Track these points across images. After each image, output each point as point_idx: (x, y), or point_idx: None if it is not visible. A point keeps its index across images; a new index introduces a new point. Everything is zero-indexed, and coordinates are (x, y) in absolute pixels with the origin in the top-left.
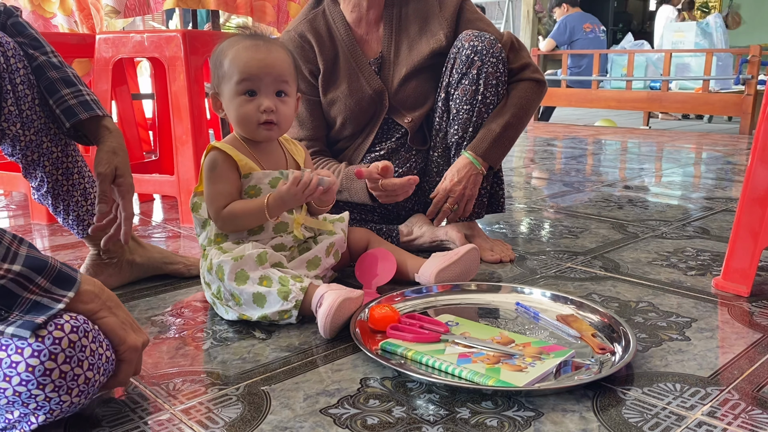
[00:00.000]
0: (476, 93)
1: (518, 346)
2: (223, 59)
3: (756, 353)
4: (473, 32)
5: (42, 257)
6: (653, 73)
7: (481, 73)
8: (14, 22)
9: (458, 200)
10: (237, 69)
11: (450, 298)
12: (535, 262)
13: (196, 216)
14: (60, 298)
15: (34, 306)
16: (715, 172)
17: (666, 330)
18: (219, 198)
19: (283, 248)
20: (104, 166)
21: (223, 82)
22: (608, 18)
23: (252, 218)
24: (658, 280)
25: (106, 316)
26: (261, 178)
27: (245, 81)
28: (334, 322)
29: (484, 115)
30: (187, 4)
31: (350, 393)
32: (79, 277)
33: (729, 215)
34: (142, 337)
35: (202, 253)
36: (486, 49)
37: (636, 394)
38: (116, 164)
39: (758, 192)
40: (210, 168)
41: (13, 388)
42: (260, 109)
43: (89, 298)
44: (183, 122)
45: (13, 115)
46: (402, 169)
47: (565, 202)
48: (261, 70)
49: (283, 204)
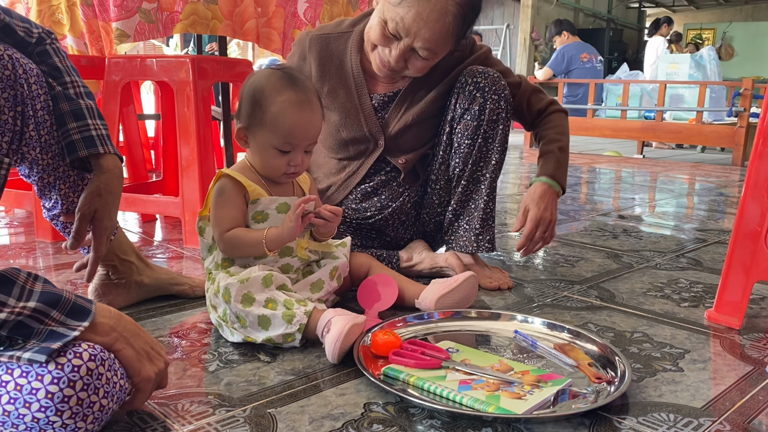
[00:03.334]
0: (477, 128)
1: (517, 374)
2: (265, 105)
3: (747, 385)
4: (478, 68)
5: (57, 291)
6: (648, 103)
7: (484, 110)
8: (40, 51)
9: (547, 227)
10: (281, 131)
11: (450, 325)
12: (531, 290)
13: (202, 240)
14: (75, 327)
15: (51, 334)
16: (708, 204)
17: (660, 361)
18: (223, 222)
19: (290, 269)
20: (84, 206)
21: (259, 128)
22: (604, 47)
23: (250, 249)
24: (653, 311)
25: (122, 348)
26: (268, 204)
27: (286, 144)
28: (342, 347)
29: (483, 150)
30: (196, 29)
31: (354, 417)
32: (93, 308)
33: (721, 247)
34: (158, 366)
35: (208, 276)
36: (489, 86)
37: (631, 423)
38: (97, 206)
39: (750, 227)
40: (218, 193)
41: (32, 414)
42: (290, 164)
43: (105, 330)
44: (190, 145)
45: (33, 140)
46: (395, 204)
47: (560, 230)
48: (302, 135)
49: (281, 238)
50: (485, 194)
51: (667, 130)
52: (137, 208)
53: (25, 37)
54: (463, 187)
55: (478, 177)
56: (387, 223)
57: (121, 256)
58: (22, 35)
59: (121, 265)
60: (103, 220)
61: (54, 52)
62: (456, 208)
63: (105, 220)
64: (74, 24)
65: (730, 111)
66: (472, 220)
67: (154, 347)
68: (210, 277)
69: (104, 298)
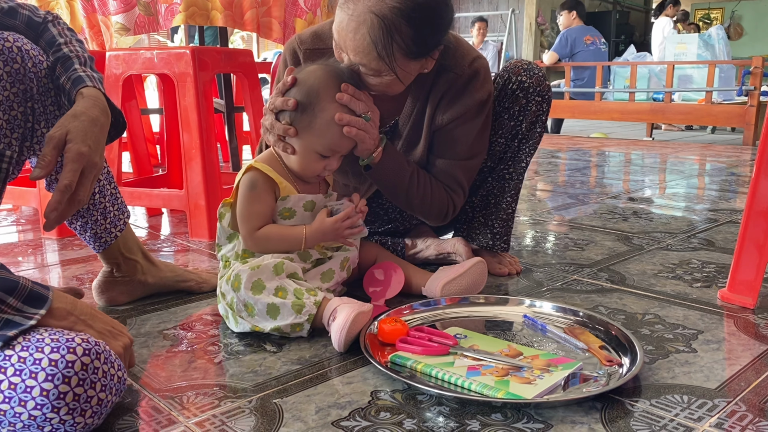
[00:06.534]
0: (515, 129)
1: (527, 359)
2: (317, 110)
3: (762, 365)
4: (522, 64)
5: (13, 278)
6: (656, 85)
7: (525, 111)
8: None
9: None
10: (329, 139)
11: (458, 311)
12: (541, 274)
13: (221, 226)
14: (32, 316)
15: (7, 323)
16: (719, 184)
17: (673, 342)
18: (254, 219)
19: (308, 257)
20: (55, 128)
21: (305, 131)
22: (611, 30)
23: (286, 245)
24: (664, 292)
25: (83, 329)
26: (297, 202)
27: (329, 150)
28: (348, 336)
29: (516, 150)
30: (195, 21)
31: (361, 405)
32: (50, 295)
33: (733, 227)
34: (122, 341)
35: (225, 264)
36: (533, 86)
37: (644, 405)
38: (69, 128)
39: (763, 205)
40: (249, 187)
41: (29, 413)
42: (326, 168)
43: (62, 315)
44: (192, 137)
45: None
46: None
47: (569, 214)
48: (348, 144)
49: (322, 237)
50: (509, 196)
51: (677, 111)
52: (142, 201)
53: (32, 16)
54: (489, 183)
55: (504, 175)
56: (393, 211)
57: (126, 255)
58: (28, 14)
59: (126, 264)
60: (75, 143)
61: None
62: (476, 203)
63: (78, 144)
64: (74, 19)
65: (740, 90)
66: (490, 217)
67: (115, 326)
68: (226, 265)
69: (106, 294)
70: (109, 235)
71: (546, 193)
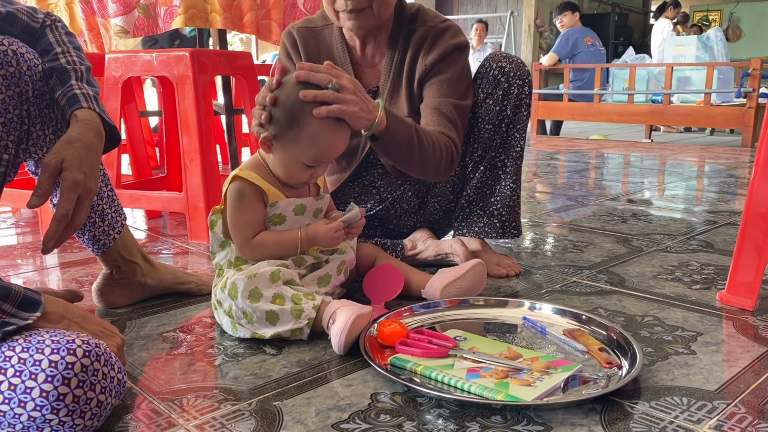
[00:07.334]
0: (500, 114)
1: (526, 361)
2: (302, 124)
3: (761, 367)
4: (502, 53)
5: (5, 285)
6: (655, 87)
7: (508, 95)
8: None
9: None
10: (315, 152)
11: (457, 313)
12: (540, 276)
13: (213, 234)
14: (27, 318)
15: (4, 326)
16: (718, 186)
17: (672, 344)
18: (246, 228)
19: (303, 263)
20: (51, 155)
21: (291, 144)
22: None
23: (283, 250)
24: (664, 294)
25: (77, 332)
26: (286, 207)
27: (315, 161)
28: (348, 338)
29: (505, 136)
30: (194, 23)
31: (361, 408)
32: (43, 299)
33: (732, 229)
34: (115, 341)
35: (218, 272)
36: (514, 70)
37: (643, 407)
38: (65, 155)
39: (761, 206)
40: (237, 197)
41: (28, 414)
42: (312, 176)
43: (56, 318)
44: (192, 140)
45: (40, 139)
46: (395, 194)
47: (569, 216)
48: (333, 154)
49: (316, 243)
50: (511, 181)
51: (675, 113)
52: (141, 204)
53: (30, 21)
54: (480, 173)
55: (497, 164)
56: (389, 213)
57: (125, 257)
58: (26, 20)
59: (125, 266)
60: (71, 171)
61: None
62: (470, 194)
63: (74, 172)
64: (73, 21)
65: (739, 92)
66: (489, 207)
67: (107, 327)
68: (220, 273)
69: (106, 297)
70: (107, 237)
71: (545, 195)
